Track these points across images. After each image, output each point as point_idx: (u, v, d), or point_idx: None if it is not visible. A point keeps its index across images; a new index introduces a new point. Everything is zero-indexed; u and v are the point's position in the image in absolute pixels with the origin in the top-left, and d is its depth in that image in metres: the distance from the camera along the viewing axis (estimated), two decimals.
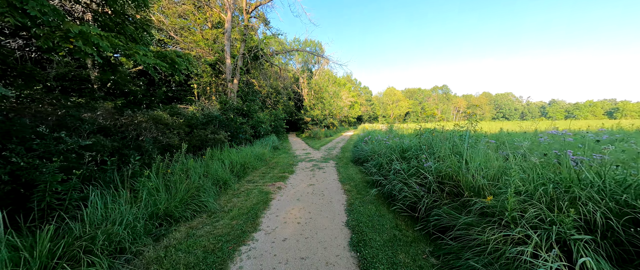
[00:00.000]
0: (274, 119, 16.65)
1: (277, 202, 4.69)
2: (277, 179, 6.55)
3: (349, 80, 57.08)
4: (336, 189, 5.54)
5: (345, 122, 40.94)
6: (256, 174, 7.16)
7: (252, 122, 11.80)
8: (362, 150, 8.30)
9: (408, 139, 6.24)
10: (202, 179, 4.79)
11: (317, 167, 8.28)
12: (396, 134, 7.99)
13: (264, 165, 8.56)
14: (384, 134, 9.40)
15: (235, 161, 6.82)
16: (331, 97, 30.29)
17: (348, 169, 7.54)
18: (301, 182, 6.25)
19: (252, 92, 13.68)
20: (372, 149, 7.39)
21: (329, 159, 9.96)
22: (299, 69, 32.37)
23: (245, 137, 9.87)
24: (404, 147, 5.74)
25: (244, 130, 10.25)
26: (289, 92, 27.88)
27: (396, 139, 6.37)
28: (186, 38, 12.59)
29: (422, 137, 5.42)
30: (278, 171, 7.55)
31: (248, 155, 8.15)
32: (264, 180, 6.34)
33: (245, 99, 12.55)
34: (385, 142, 7.21)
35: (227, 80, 12.09)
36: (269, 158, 9.98)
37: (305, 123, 25.60)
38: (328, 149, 13.33)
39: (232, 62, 12.14)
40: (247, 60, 12.36)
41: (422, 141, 5.22)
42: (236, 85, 12.13)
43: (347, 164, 8.58)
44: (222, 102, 10.02)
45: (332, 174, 7.15)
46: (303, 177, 6.81)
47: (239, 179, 6.35)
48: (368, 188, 5.38)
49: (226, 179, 5.38)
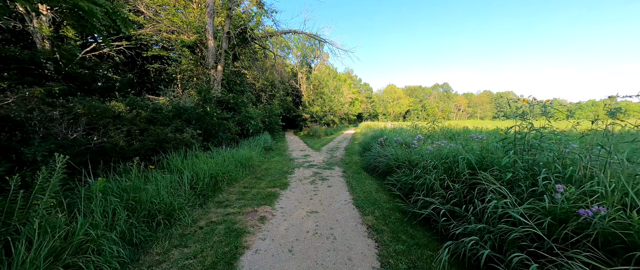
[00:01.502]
0: (267, 114, 14.52)
1: (252, 259, 2.62)
2: (263, 199, 4.48)
3: (350, 77, 54.95)
4: (353, 223, 3.46)
5: (345, 120, 38.88)
6: (235, 189, 5.08)
7: (239, 117, 9.67)
8: (380, 156, 6.23)
9: (469, 143, 4.10)
10: (111, 221, 2.68)
11: (319, 176, 6.22)
12: (436, 136, 5.73)
13: (249, 174, 6.47)
14: (408, 134, 7.33)
15: (203, 172, 4.73)
16: (332, 93, 28.21)
17: (363, 183, 5.48)
18: (297, 206, 4.18)
19: (243, 82, 11.52)
20: (398, 156, 5.32)
21: (333, 164, 7.91)
22: (297, 64, 30.16)
23: (227, 136, 7.76)
24: (476, 158, 3.38)
25: (227, 128, 8.13)
26: (286, 87, 25.73)
27: (441, 142, 4.31)
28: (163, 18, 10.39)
29: (513, 140, 3.23)
30: (266, 184, 5.48)
31: (227, 161, 6.05)
32: (242, 202, 4.26)
33: (232, 89, 10.40)
34: (419, 147, 5.13)
35: (209, 66, 9.93)
36: (258, 163, 7.89)
37: (303, 120, 23.55)
38: (330, 150, 11.28)
39: (215, 44, 9.99)
40: (233, 42, 10.19)
41: (516, 148, 3.04)
42: (221, 72, 9.99)
43: (358, 172, 6.52)
44: (200, 91, 7.89)
45: (341, 189, 5.09)
46: (300, 195, 4.74)
47: (204, 201, 4.25)
48: (407, 225, 3.29)
49: (172, 209, 3.26)
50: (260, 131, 11.91)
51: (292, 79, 28.18)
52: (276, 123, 15.37)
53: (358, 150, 10.56)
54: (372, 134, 10.92)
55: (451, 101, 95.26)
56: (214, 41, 10.12)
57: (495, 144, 3.47)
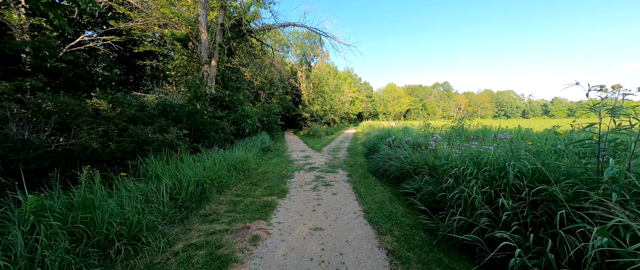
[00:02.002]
0: (266, 113, 13.81)
1: None
2: (257, 210, 3.79)
3: (350, 75, 54.21)
4: (368, 246, 2.77)
5: (345, 119, 38.18)
6: (226, 197, 4.38)
7: (235, 116, 8.96)
8: (390, 159, 5.55)
9: (506, 145, 3.36)
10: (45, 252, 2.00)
11: (322, 181, 5.54)
12: (457, 135, 4.89)
13: (243, 178, 5.78)
14: (420, 134, 6.63)
15: (187, 179, 4.03)
16: (332, 91, 27.51)
17: (372, 189, 4.79)
18: (298, 220, 3.49)
19: (239, 79, 10.80)
20: (413, 160, 4.62)
21: (337, 166, 7.22)
22: (296, 62, 29.41)
23: (220, 136, 7.06)
24: (534, 166, 2.53)
25: (221, 127, 7.43)
26: (285, 85, 25.02)
27: (471, 145, 3.60)
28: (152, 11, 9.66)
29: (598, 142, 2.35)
30: (262, 191, 4.79)
31: (218, 164, 5.36)
32: (232, 216, 3.56)
33: (227, 86, 9.68)
34: (438, 149, 4.43)
35: (202, 61, 9.22)
36: (255, 166, 7.21)
37: (303, 119, 22.86)
38: (332, 151, 10.59)
39: (208, 37, 9.28)
40: (228, 35, 9.47)
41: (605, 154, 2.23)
42: (215, 68, 9.29)
43: (365, 176, 5.84)
44: (191, 87, 7.18)
45: (348, 197, 4.40)
46: (301, 205, 4.06)
47: (187, 214, 3.56)
48: (439, 251, 2.57)
49: (138, 230, 2.57)
50: (258, 131, 11.21)
51: (291, 77, 27.48)
52: (275, 122, 14.67)
53: (362, 151, 9.88)
54: (377, 134, 10.23)
55: (451, 100, 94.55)
56: (208, 34, 9.42)
57: (551, 147, 2.76)
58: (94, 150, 4.37)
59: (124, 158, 4.54)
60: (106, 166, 4.35)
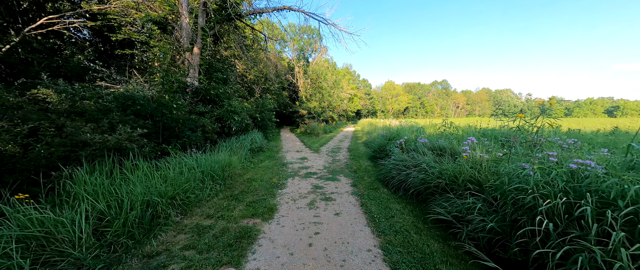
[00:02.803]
0: (259, 109, 12.59)
1: None
2: (228, 247, 2.63)
3: (348, 72, 52.90)
4: None
5: (343, 117, 37.00)
6: (191, 221, 3.21)
7: (219, 112, 7.75)
8: (407, 167, 4.40)
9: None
10: None
11: (320, 194, 4.39)
12: (522, 139, 3.66)
13: (223, 189, 4.61)
14: (437, 135, 5.49)
15: (129, 199, 2.85)
16: (331, 87, 26.29)
17: (388, 209, 3.64)
18: (286, 265, 2.34)
19: (225, 69, 9.54)
20: (442, 171, 3.47)
21: (338, 172, 6.08)
22: (294, 58, 28.11)
23: (197, 136, 5.84)
24: None
25: (200, 125, 6.22)
26: (282, 80, 23.76)
27: (551, 153, 2.46)
28: None
29: None
30: (243, 209, 3.63)
31: (187, 173, 4.17)
32: (189, 259, 2.40)
33: (212, 77, 8.44)
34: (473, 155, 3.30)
35: (183, 47, 7.97)
36: (241, 171, 6.03)
37: (300, 116, 21.69)
38: (331, 151, 9.45)
39: (190, 20, 8.02)
40: (212, 19, 8.22)
41: None
42: (197, 56, 8.05)
43: (374, 187, 4.69)
44: (165, 76, 5.93)
45: (356, 222, 3.26)
46: (292, 234, 2.90)
47: (119, 258, 2.39)
48: None
49: None
50: (249, 129, 10.01)
51: (288, 73, 26.19)
52: (269, 119, 13.46)
53: (365, 153, 8.75)
54: (383, 133, 9.08)
55: (450, 98, 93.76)
56: (190, 17, 8.15)
57: None
58: (8, 156, 3.17)
59: (54, 167, 3.34)
60: (25, 178, 3.16)
